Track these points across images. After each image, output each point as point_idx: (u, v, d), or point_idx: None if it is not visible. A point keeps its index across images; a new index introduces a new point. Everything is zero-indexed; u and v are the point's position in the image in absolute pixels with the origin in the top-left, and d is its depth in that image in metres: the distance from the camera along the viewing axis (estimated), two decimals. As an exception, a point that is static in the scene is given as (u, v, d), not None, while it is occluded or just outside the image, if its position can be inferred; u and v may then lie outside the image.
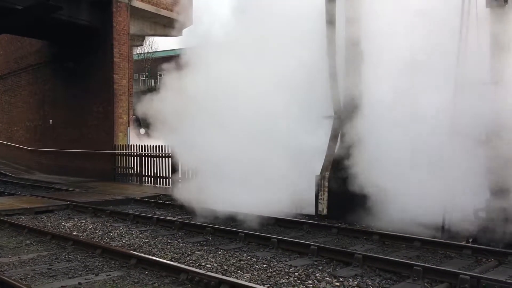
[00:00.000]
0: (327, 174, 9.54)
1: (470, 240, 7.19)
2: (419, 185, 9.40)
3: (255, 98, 10.15)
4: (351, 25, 9.46)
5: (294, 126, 10.27)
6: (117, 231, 8.46)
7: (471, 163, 7.40)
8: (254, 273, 5.74)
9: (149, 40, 37.35)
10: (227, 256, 6.58)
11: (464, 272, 5.27)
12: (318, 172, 9.76)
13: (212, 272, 5.62)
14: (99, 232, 8.42)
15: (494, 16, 7.55)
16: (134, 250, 6.90)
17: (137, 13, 18.00)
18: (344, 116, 9.76)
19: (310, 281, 5.39)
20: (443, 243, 6.98)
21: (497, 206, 7.16)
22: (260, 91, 10.17)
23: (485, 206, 7.29)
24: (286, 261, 6.31)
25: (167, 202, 11.64)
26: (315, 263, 6.21)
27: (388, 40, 9.01)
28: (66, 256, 6.66)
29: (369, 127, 9.87)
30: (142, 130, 21.19)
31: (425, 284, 5.30)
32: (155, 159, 15.22)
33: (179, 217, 9.85)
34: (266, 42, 10.16)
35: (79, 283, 5.37)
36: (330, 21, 9.67)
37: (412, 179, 9.68)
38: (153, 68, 38.40)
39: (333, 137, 9.80)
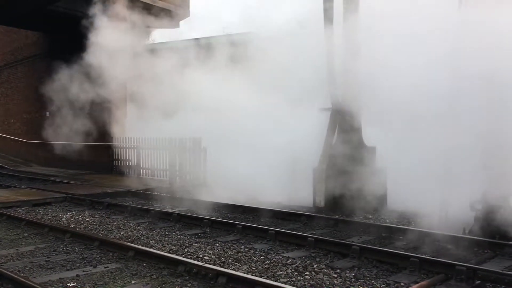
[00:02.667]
0: (324, 166, 9.55)
1: (467, 231, 7.23)
2: (417, 177, 9.45)
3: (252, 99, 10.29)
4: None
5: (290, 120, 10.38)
6: (115, 223, 8.47)
7: (468, 156, 7.41)
8: (252, 265, 5.76)
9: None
10: (224, 248, 6.60)
11: (461, 263, 5.30)
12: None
13: (210, 264, 5.64)
14: (96, 224, 8.42)
15: None
16: (132, 242, 6.91)
17: (133, 5, 17.86)
18: (341, 108, 9.76)
19: (307, 273, 5.41)
20: (439, 234, 7.01)
21: (493, 198, 7.19)
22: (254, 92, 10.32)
23: (481, 198, 7.32)
24: (283, 253, 6.34)
25: (165, 194, 11.65)
26: (313, 255, 6.23)
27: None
28: (64, 248, 6.67)
29: (366, 117, 9.92)
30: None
31: (422, 275, 5.33)
32: (153, 151, 15.18)
33: (176, 209, 9.86)
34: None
35: (77, 275, 5.38)
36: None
37: (410, 171, 9.73)
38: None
39: (331, 129, 9.81)
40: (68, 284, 5.11)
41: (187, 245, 6.79)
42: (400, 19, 8.73)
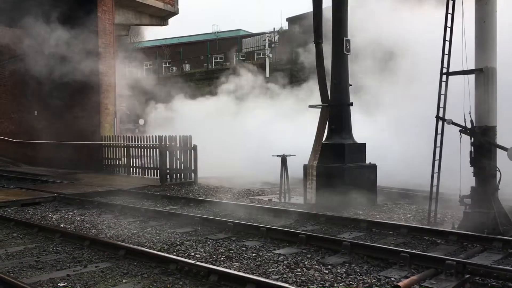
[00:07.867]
0: (315, 163, 9.58)
1: (456, 226, 7.30)
2: (407, 171, 9.53)
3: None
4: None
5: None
6: (105, 222, 8.42)
7: (457, 150, 7.48)
8: (244, 262, 5.77)
9: (135, 29, 36.83)
10: (216, 245, 6.60)
11: (450, 258, 5.34)
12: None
13: (202, 262, 5.63)
14: (87, 223, 8.37)
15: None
16: (123, 241, 6.88)
17: (122, 2, 17.75)
18: (332, 105, 9.79)
19: (299, 269, 5.43)
20: (429, 229, 7.07)
21: (482, 193, 7.26)
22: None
23: (471, 193, 7.39)
24: (275, 250, 6.35)
25: (155, 193, 11.61)
26: (304, 251, 6.25)
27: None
28: (54, 248, 6.62)
29: (357, 114, 9.97)
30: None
31: (412, 270, 5.38)
32: (143, 150, 15.11)
33: (167, 207, 9.83)
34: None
35: (68, 275, 5.35)
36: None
37: (399, 166, 9.81)
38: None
39: (321, 126, 9.83)
40: (59, 284, 5.07)
41: (178, 243, 6.78)
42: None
